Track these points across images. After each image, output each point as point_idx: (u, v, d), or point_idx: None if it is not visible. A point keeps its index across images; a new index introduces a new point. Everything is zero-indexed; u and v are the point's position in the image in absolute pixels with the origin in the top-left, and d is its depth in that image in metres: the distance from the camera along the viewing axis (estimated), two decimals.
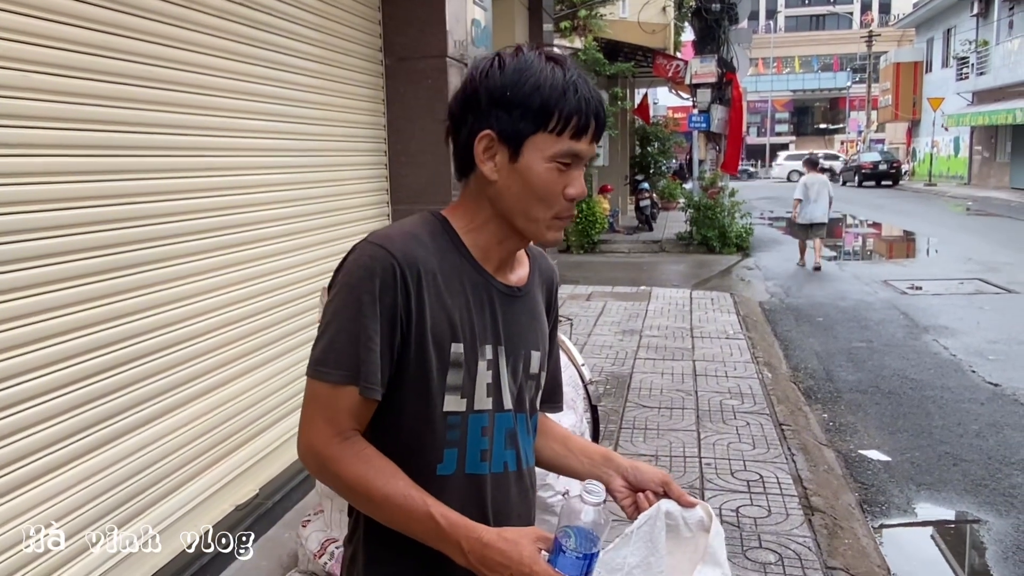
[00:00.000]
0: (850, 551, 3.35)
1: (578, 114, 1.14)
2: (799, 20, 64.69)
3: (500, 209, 1.20)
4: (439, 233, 1.21)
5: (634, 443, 4.51)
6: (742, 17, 15.09)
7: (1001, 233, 15.70)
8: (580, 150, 1.17)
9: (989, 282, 10.19)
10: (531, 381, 1.30)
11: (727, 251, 13.19)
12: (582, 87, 1.15)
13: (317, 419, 1.14)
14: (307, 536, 2.85)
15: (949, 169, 34.93)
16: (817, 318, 8.41)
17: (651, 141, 19.83)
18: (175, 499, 2.65)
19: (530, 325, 1.30)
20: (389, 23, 4.49)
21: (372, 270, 1.12)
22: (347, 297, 1.13)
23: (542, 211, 1.19)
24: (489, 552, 1.08)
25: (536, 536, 1.11)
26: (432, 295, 1.16)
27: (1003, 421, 5.14)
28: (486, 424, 1.22)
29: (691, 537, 1.26)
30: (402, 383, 1.16)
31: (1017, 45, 26.91)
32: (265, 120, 3.24)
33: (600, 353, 6.54)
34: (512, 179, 1.17)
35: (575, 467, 1.38)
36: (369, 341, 1.12)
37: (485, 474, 1.22)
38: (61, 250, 2.17)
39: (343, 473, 1.13)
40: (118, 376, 2.37)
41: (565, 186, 1.18)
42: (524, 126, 1.14)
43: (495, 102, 1.15)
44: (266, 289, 3.24)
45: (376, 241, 1.16)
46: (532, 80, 1.13)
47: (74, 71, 2.20)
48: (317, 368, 1.14)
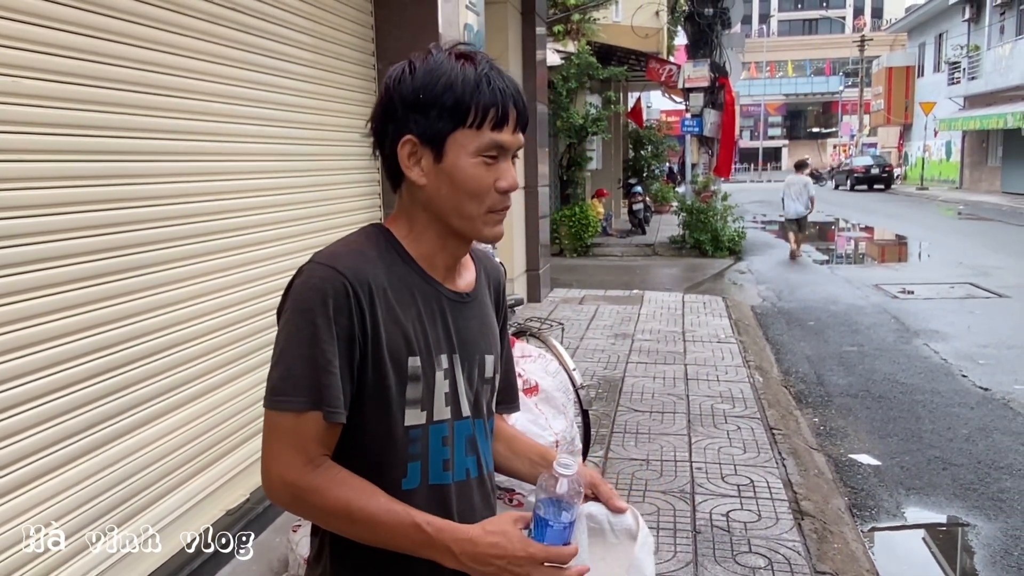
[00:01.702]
0: (840, 555, 3.36)
1: (495, 105, 1.14)
2: (792, 24, 64.97)
3: (435, 212, 1.19)
4: (384, 246, 1.20)
5: (625, 447, 4.51)
6: (735, 21, 15.16)
7: (992, 237, 15.78)
8: (503, 141, 1.16)
9: (980, 286, 10.24)
10: (486, 385, 1.30)
11: (719, 255, 13.22)
12: (495, 79, 1.15)
13: (285, 450, 1.10)
14: (297, 541, 2.85)
15: (941, 173, 35.11)
16: (808, 322, 8.44)
17: (644, 145, 19.90)
18: (167, 503, 2.66)
19: (481, 330, 1.30)
20: (382, 27, 4.50)
21: (324, 292, 1.10)
22: (300, 321, 1.10)
23: (475, 207, 1.17)
24: (481, 548, 1.10)
25: (515, 519, 1.13)
26: (385, 311, 1.15)
27: (993, 425, 5.17)
28: (446, 434, 1.22)
29: (617, 544, 1.25)
30: (362, 402, 1.15)
31: (1008, 50, 27.08)
32: (258, 124, 3.24)
33: (592, 357, 6.55)
34: (440, 180, 1.16)
35: (518, 469, 1.40)
36: (328, 364, 1.10)
37: (449, 483, 1.22)
38: (58, 254, 2.18)
39: (323, 501, 1.11)
40: (111, 380, 2.39)
41: (496, 179, 1.17)
42: (442, 125, 1.14)
43: (410, 107, 1.15)
44: (258, 293, 3.24)
45: (324, 261, 1.13)
46: (444, 79, 1.13)
47: (72, 77, 2.20)
48: (276, 399, 1.10)
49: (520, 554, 1.09)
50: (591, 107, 14.64)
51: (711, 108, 14.29)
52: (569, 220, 13.40)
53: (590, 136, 14.28)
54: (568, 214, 13.48)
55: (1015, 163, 27.72)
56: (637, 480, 4.05)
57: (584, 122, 13.66)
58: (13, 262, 2.03)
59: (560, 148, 14.14)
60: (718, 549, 3.34)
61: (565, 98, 13.36)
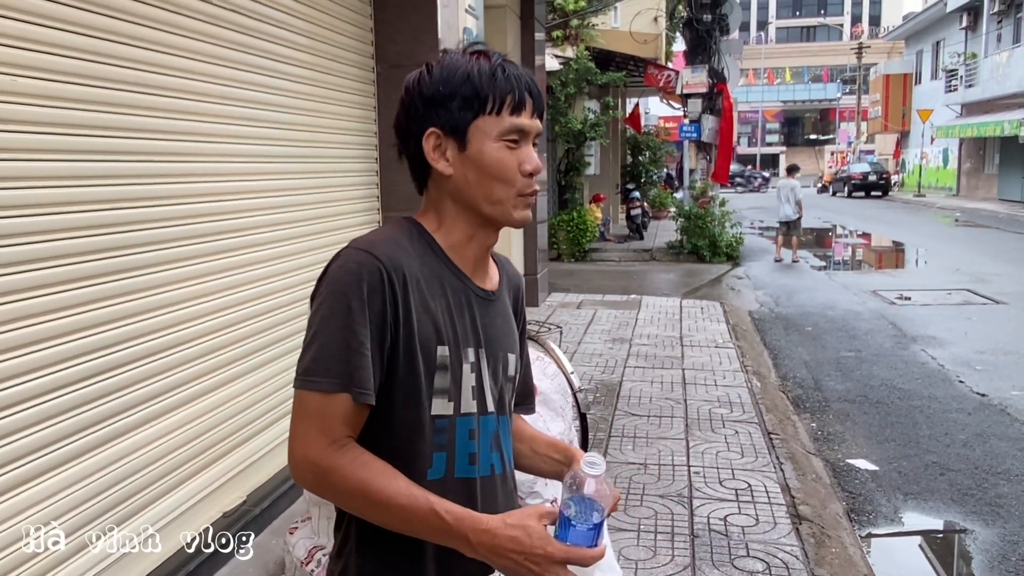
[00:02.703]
0: (837, 560, 3.36)
1: (511, 91, 1.19)
2: (790, 31, 65.15)
3: (464, 202, 1.23)
4: (416, 238, 1.23)
5: (623, 451, 4.51)
6: (733, 28, 15.19)
7: (989, 244, 15.81)
8: (523, 125, 1.20)
9: (977, 293, 10.25)
10: (509, 383, 1.32)
11: (717, 260, 13.23)
12: (509, 68, 1.20)
13: (311, 430, 1.12)
14: (294, 543, 2.83)
15: (938, 180, 35.18)
16: (806, 327, 8.45)
17: (642, 150, 19.94)
18: (166, 503, 2.65)
19: (504, 328, 1.32)
20: (381, 30, 4.50)
21: (360, 275, 1.13)
22: (335, 304, 1.13)
23: (503, 191, 1.21)
24: (499, 541, 1.09)
25: (540, 514, 1.12)
26: (417, 299, 1.17)
27: (990, 431, 5.17)
28: (473, 427, 1.23)
29: None
30: (392, 389, 1.17)
31: (1005, 58, 27.17)
32: (256, 126, 3.24)
33: (590, 361, 6.55)
34: (467, 168, 1.20)
35: (539, 467, 1.42)
36: (360, 347, 1.12)
37: (475, 478, 1.23)
38: (55, 254, 2.17)
39: (344, 481, 1.12)
40: (110, 380, 2.38)
41: (520, 163, 1.21)
42: (464, 114, 1.19)
43: (432, 103, 1.20)
44: (256, 295, 3.24)
45: (361, 247, 1.17)
46: (461, 71, 1.19)
47: (68, 76, 2.20)
48: (307, 379, 1.13)
49: (538, 551, 1.08)
50: (589, 112, 14.67)
51: (709, 114, 14.31)
52: (567, 225, 13.41)
53: (588, 141, 14.30)
54: (566, 219, 13.49)
55: (1012, 170, 27.78)
56: (635, 484, 4.04)
57: (582, 127, 13.68)
58: (10, 261, 2.02)
59: (559, 153, 14.16)
60: (716, 553, 3.34)
61: (563, 103, 13.38)
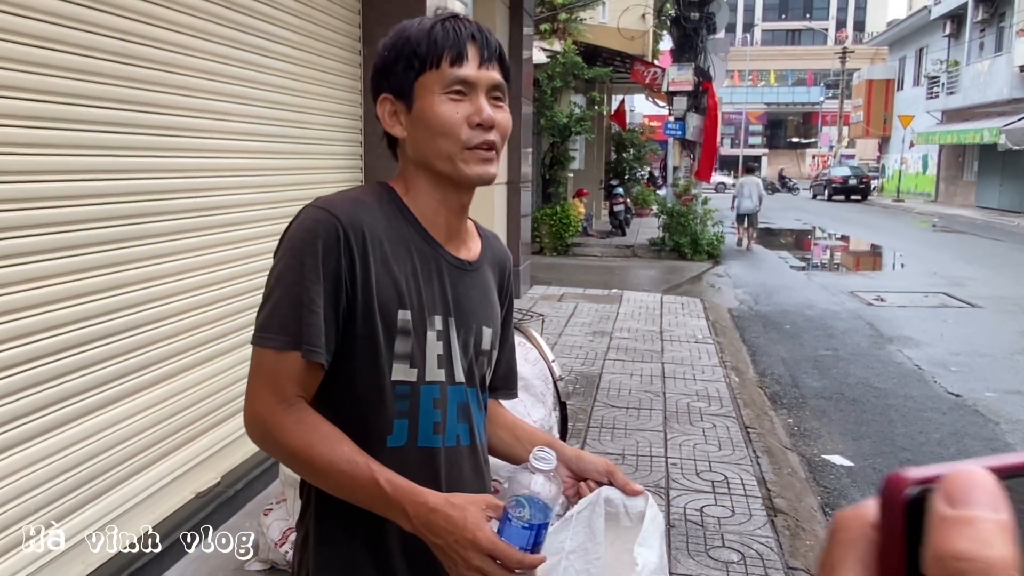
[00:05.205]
0: (812, 552, 3.38)
1: (448, 43, 1.16)
2: (775, 34, 65.47)
3: (420, 162, 1.21)
4: (385, 200, 1.21)
5: (601, 442, 4.51)
6: (720, 27, 15.21)
7: (966, 249, 15.99)
8: (467, 75, 1.17)
9: (953, 296, 10.36)
10: (482, 357, 1.29)
11: (698, 258, 13.28)
12: (450, 22, 1.18)
13: (263, 388, 1.11)
14: (268, 525, 2.81)
15: (917, 186, 35.53)
16: (784, 326, 8.49)
17: (627, 147, 19.93)
18: (133, 485, 2.61)
19: (482, 301, 1.29)
20: (369, 14, 4.46)
21: (315, 233, 1.12)
22: (290, 261, 1.13)
23: (448, 144, 1.17)
24: (435, 517, 1.06)
25: (486, 503, 1.09)
26: (378, 260, 1.15)
27: (964, 431, 5.22)
28: (438, 396, 1.20)
29: (631, 527, 1.22)
30: (352, 352, 1.15)
31: (987, 66, 27.47)
32: (241, 103, 3.20)
33: (570, 353, 6.54)
34: (416, 127, 1.19)
35: (521, 455, 1.36)
36: (312, 304, 1.10)
37: (439, 447, 1.20)
38: (25, 224, 2.12)
39: (286, 440, 1.10)
40: (79, 355, 2.33)
41: (468, 115, 1.17)
42: (407, 74, 1.18)
43: (381, 71, 1.21)
44: (233, 275, 3.20)
45: (320, 205, 1.15)
46: (403, 36, 1.19)
47: (54, 69, 2.16)
48: (260, 335, 1.12)
49: (467, 535, 1.04)
50: (575, 107, 14.65)
51: (694, 112, 14.34)
52: (550, 219, 13.40)
53: (573, 136, 14.29)
54: (549, 213, 13.47)
55: (990, 178, 28.11)
56: None
57: (568, 121, 13.67)
58: None
59: (543, 147, 14.14)
60: (692, 543, 3.34)
61: (549, 96, 13.35)
